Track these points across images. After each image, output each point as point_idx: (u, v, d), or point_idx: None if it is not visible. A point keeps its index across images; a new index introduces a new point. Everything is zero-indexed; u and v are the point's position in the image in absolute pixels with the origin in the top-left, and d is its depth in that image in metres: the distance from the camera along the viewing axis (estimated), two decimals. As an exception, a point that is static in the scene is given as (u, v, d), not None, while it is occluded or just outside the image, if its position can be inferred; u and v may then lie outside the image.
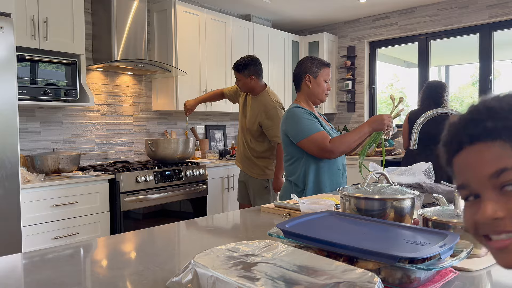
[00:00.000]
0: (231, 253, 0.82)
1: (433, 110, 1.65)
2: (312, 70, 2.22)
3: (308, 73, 2.22)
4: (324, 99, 2.26)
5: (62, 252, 1.11)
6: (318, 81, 2.22)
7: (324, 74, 2.22)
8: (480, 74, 4.42)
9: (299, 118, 2.09)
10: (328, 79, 2.24)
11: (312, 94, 2.23)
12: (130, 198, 3.05)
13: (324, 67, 2.23)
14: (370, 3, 4.65)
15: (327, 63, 2.27)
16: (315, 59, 2.26)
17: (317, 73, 2.22)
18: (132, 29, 3.54)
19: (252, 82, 2.98)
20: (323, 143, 2.03)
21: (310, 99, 2.24)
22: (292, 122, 2.11)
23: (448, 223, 1.01)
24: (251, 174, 3.09)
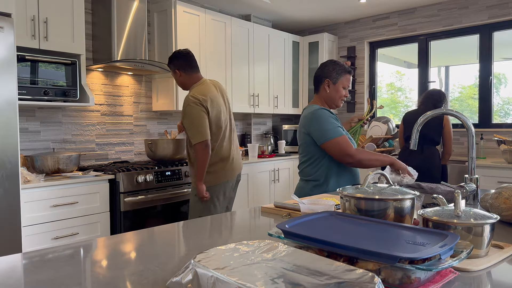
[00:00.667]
0: (231, 253, 0.82)
1: (433, 111, 1.65)
2: (333, 75, 2.24)
3: (328, 78, 2.25)
4: (339, 105, 2.30)
5: (62, 252, 1.11)
6: (337, 87, 2.24)
7: (344, 81, 2.24)
8: (480, 75, 4.42)
9: (326, 120, 2.13)
10: (347, 85, 2.26)
11: (328, 99, 2.28)
12: (130, 198, 3.04)
13: (345, 74, 2.24)
14: (370, 4, 4.65)
15: (349, 69, 2.28)
16: (338, 64, 2.27)
17: (337, 79, 2.24)
18: (132, 29, 3.54)
19: (181, 77, 2.82)
20: (346, 147, 2.10)
21: (327, 103, 2.29)
22: (318, 124, 2.14)
23: (448, 223, 1.01)
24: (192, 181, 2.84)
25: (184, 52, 2.83)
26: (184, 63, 2.80)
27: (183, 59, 2.80)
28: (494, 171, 3.70)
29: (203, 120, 2.66)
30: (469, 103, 4.72)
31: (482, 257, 1.00)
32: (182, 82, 2.85)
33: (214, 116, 2.74)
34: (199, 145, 2.65)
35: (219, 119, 2.78)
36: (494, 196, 1.40)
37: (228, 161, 2.83)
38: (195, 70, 2.84)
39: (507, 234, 1.25)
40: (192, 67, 2.82)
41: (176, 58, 2.81)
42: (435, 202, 1.34)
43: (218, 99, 2.81)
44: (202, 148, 2.65)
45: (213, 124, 2.74)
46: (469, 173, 1.63)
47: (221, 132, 2.79)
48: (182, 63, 2.80)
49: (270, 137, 5.21)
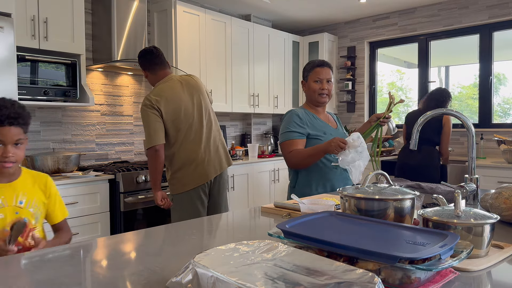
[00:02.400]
0: (231, 253, 0.82)
1: (434, 111, 1.65)
2: (304, 74, 2.29)
3: (303, 79, 2.31)
4: (319, 100, 2.23)
5: (62, 252, 1.11)
6: (309, 84, 2.25)
7: (313, 75, 2.22)
8: (480, 75, 4.42)
9: (286, 123, 2.19)
10: (317, 78, 2.20)
11: (308, 97, 2.30)
12: (130, 198, 3.04)
13: (313, 68, 2.23)
14: (370, 3, 4.65)
15: (319, 63, 2.24)
16: (309, 63, 2.29)
17: (307, 76, 2.26)
18: (132, 29, 3.54)
19: (149, 77, 2.62)
20: (285, 151, 2.15)
21: (311, 102, 2.30)
22: (282, 126, 2.23)
23: (448, 223, 1.01)
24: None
25: (148, 49, 2.60)
26: (148, 62, 2.58)
27: (146, 58, 2.58)
28: (494, 171, 3.70)
29: (154, 124, 2.43)
30: (469, 103, 4.72)
31: (482, 257, 1.00)
32: (151, 82, 2.64)
33: (169, 117, 2.47)
34: (149, 151, 2.44)
35: (177, 120, 2.50)
36: (494, 196, 1.40)
37: (193, 165, 2.52)
38: (161, 67, 2.59)
39: (507, 234, 1.25)
40: (155, 64, 2.57)
41: (140, 58, 2.61)
42: (435, 202, 1.34)
43: (179, 98, 2.52)
44: (151, 154, 2.44)
45: (169, 127, 2.49)
46: (469, 173, 1.63)
47: (182, 134, 2.51)
48: (145, 62, 2.59)
49: (270, 137, 5.21)
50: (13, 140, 1.43)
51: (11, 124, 1.41)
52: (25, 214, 1.49)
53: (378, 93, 5.36)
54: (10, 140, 1.42)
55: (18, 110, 1.44)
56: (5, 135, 1.41)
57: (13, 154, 1.43)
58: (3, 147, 1.42)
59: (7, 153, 1.41)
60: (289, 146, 2.13)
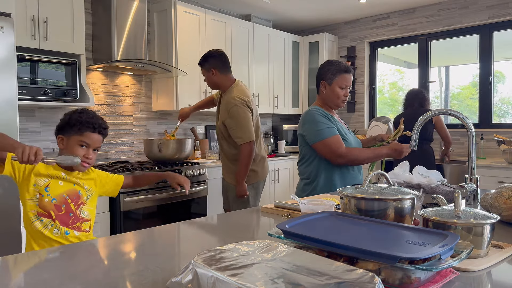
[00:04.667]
0: (231, 253, 0.82)
1: (434, 111, 1.65)
2: (328, 76, 2.21)
3: (324, 79, 2.23)
4: (340, 105, 2.25)
5: (62, 252, 1.11)
6: (333, 88, 2.20)
7: (340, 81, 2.19)
8: (480, 75, 4.42)
9: (316, 121, 2.13)
10: (344, 85, 2.20)
11: (327, 100, 2.25)
12: (130, 198, 3.04)
13: (340, 74, 2.19)
14: (370, 3, 4.65)
15: (345, 68, 2.21)
16: (333, 64, 2.22)
17: (332, 80, 2.20)
18: (132, 29, 3.54)
19: (215, 77, 2.80)
20: (336, 148, 2.08)
21: (327, 104, 2.26)
22: (309, 124, 2.15)
23: (448, 223, 1.01)
24: (227, 179, 2.90)
25: (220, 52, 2.84)
26: (220, 63, 2.80)
27: (219, 59, 2.81)
28: (494, 171, 3.71)
29: (249, 121, 2.71)
30: (468, 103, 4.72)
31: (482, 257, 1.00)
32: (214, 82, 2.83)
33: (254, 117, 2.83)
34: (246, 145, 2.69)
35: (257, 120, 2.89)
36: (494, 196, 1.40)
37: (264, 160, 2.93)
38: (229, 71, 2.85)
39: (507, 234, 1.25)
40: (227, 67, 2.83)
41: (213, 57, 2.80)
42: (435, 202, 1.34)
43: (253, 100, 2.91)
44: (248, 148, 2.69)
45: (254, 125, 2.80)
46: (469, 173, 1.63)
47: (259, 132, 2.90)
48: (218, 62, 2.80)
49: (270, 137, 5.21)
50: (95, 146, 1.67)
51: (99, 133, 1.68)
52: (81, 188, 1.69)
53: (378, 93, 5.36)
54: (94, 145, 1.66)
55: (105, 123, 1.72)
56: (93, 140, 1.65)
57: (92, 157, 1.66)
58: (86, 149, 1.65)
59: (89, 154, 1.64)
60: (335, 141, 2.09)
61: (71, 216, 1.64)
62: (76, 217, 1.66)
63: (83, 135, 1.63)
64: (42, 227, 1.59)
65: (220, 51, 2.86)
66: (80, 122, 1.63)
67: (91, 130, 1.64)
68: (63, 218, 1.62)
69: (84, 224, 1.69)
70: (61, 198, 1.62)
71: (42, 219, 1.60)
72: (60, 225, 1.61)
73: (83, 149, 1.63)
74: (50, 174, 1.62)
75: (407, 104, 4.01)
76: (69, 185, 1.65)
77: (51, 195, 1.60)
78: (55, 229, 1.60)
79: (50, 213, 1.60)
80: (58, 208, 1.61)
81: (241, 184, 2.76)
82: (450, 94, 4.84)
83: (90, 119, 1.65)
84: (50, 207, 1.60)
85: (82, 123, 1.63)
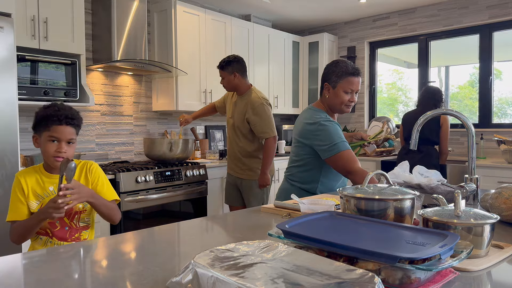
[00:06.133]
0: (231, 253, 0.82)
1: (434, 111, 1.65)
2: (332, 79, 2.00)
3: (328, 82, 2.02)
4: (343, 111, 2.04)
5: (62, 252, 1.11)
6: (337, 92, 2.00)
7: (345, 85, 1.98)
8: (480, 75, 4.42)
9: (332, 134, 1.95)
10: (350, 89, 1.99)
11: (330, 105, 2.06)
12: (130, 198, 3.04)
13: (346, 76, 1.97)
14: (370, 4, 4.65)
15: (353, 70, 1.99)
16: (338, 65, 2.00)
17: (336, 83, 1.99)
18: (132, 29, 3.54)
19: (235, 80, 3.06)
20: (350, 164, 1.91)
21: (330, 108, 2.08)
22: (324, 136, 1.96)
23: (448, 223, 1.01)
24: (241, 175, 3.12)
25: (241, 58, 3.12)
26: (242, 68, 3.08)
27: (242, 64, 3.09)
28: (494, 171, 3.71)
29: (273, 118, 3.06)
30: (468, 103, 4.72)
31: (482, 257, 1.00)
32: (235, 85, 3.08)
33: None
34: (272, 139, 3.00)
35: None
36: (494, 196, 1.40)
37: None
38: (247, 76, 3.14)
39: (507, 234, 1.25)
40: (246, 72, 3.13)
41: (237, 62, 3.07)
42: (435, 202, 1.34)
43: None
44: (273, 142, 3.01)
45: None
46: (469, 173, 1.63)
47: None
48: (241, 67, 3.08)
49: (270, 137, 5.21)
50: (67, 138, 1.60)
51: (67, 124, 1.60)
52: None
53: (378, 93, 5.36)
54: (64, 138, 1.59)
55: (74, 112, 1.63)
56: (61, 132, 1.58)
57: (66, 151, 1.59)
58: (57, 143, 1.59)
59: (61, 148, 1.58)
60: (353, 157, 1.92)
61: (67, 230, 1.63)
62: (73, 230, 1.64)
63: (50, 129, 1.57)
64: (42, 245, 1.60)
65: (240, 57, 3.13)
66: (45, 117, 1.59)
67: (57, 123, 1.58)
68: (60, 233, 1.61)
69: (83, 233, 1.68)
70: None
71: (41, 237, 1.61)
72: (58, 241, 1.61)
73: (53, 144, 1.58)
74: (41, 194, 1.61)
75: (421, 102, 3.75)
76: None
77: None
78: (54, 245, 1.60)
79: (47, 231, 1.60)
80: (52, 225, 1.61)
81: (266, 174, 3.04)
82: (450, 94, 4.84)
83: (55, 112, 1.59)
84: (45, 225, 1.59)
85: (47, 117, 1.59)
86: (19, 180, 1.60)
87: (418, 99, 3.87)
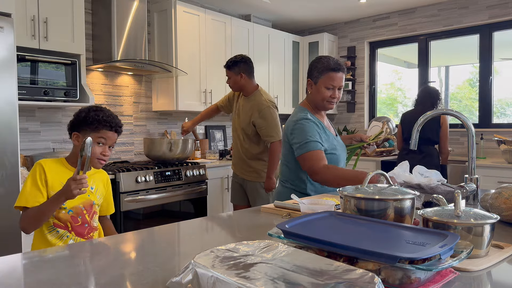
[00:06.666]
0: (231, 253, 0.82)
1: (434, 111, 1.65)
2: (314, 74, 1.99)
3: (310, 78, 2.01)
4: (326, 107, 2.02)
5: (62, 252, 1.11)
6: (318, 88, 1.98)
7: (326, 80, 1.95)
8: (480, 75, 4.42)
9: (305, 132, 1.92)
10: (331, 85, 1.96)
11: (313, 101, 2.04)
12: (130, 198, 3.04)
13: (327, 72, 1.95)
14: (370, 4, 4.65)
15: (334, 66, 1.96)
16: (321, 61, 1.98)
17: (318, 79, 1.97)
18: (132, 29, 3.54)
19: (242, 80, 3.00)
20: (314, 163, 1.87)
21: (314, 105, 2.05)
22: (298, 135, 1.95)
23: (448, 223, 1.01)
24: (246, 177, 3.08)
25: (248, 57, 3.06)
26: (249, 68, 3.02)
27: (249, 65, 3.02)
28: (494, 171, 3.70)
29: (279, 121, 3.02)
30: (467, 103, 4.72)
31: (482, 257, 1.00)
32: (242, 85, 3.02)
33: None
34: (277, 143, 2.93)
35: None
36: (494, 196, 1.40)
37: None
38: (253, 77, 3.07)
39: (507, 234, 1.25)
40: (253, 73, 3.06)
41: (244, 62, 3.00)
42: (435, 202, 1.34)
43: None
44: (278, 146, 2.93)
45: None
46: (469, 173, 1.63)
47: None
48: (248, 68, 3.01)
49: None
50: (111, 143, 1.69)
51: (116, 131, 1.69)
52: (94, 198, 1.72)
53: (378, 93, 5.36)
54: (110, 143, 1.68)
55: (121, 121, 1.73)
56: (110, 138, 1.67)
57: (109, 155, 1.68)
58: (103, 146, 1.66)
59: (106, 152, 1.66)
60: (318, 157, 1.86)
61: (86, 227, 1.66)
62: (90, 228, 1.68)
63: (100, 132, 1.64)
64: (56, 239, 1.60)
65: (248, 57, 3.06)
66: (98, 121, 1.63)
67: (108, 128, 1.65)
68: (79, 229, 1.64)
69: (95, 234, 1.71)
70: (77, 210, 1.64)
71: (58, 230, 1.61)
72: (75, 236, 1.63)
73: (100, 147, 1.65)
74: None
75: (419, 102, 3.78)
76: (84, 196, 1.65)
77: (68, 207, 1.61)
78: (70, 240, 1.61)
79: (67, 225, 1.61)
80: (74, 220, 1.63)
81: (271, 178, 2.98)
82: (450, 94, 4.84)
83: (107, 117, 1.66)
84: (66, 218, 1.61)
85: (99, 121, 1.64)
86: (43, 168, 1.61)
87: (415, 99, 3.89)
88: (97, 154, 1.64)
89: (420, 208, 1.45)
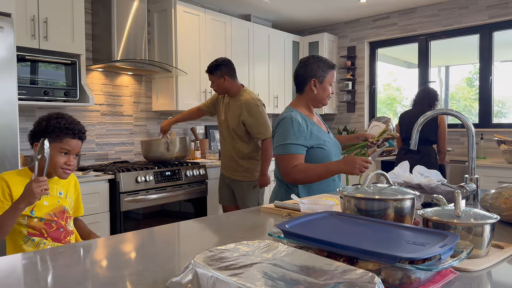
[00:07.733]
0: (231, 253, 0.82)
1: (434, 111, 1.65)
2: (319, 73, 2.06)
3: (314, 77, 2.06)
4: (326, 103, 2.15)
5: (62, 252, 1.11)
6: (324, 86, 2.08)
7: (330, 78, 2.09)
8: (480, 75, 4.42)
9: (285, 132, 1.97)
10: (333, 82, 2.11)
11: (316, 99, 2.10)
12: (130, 198, 3.04)
13: (330, 70, 2.09)
14: (370, 3, 4.65)
15: (333, 64, 2.12)
16: (321, 60, 2.09)
17: (324, 77, 2.07)
18: (132, 29, 3.54)
19: (225, 83, 3.03)
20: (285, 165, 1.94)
21: (313, 104, 2.12)
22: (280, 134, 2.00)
23: (448, 223, 1.01)
24: (235, 177, 3.10)
25: (229, 60, 3.10)
26: (231, 71, 3.05)
27: (230, 67, 3.06)
28: (494, 171, 3.71)
29: (268, 119, 3.05)
30: (466, 103, 4.72)
31: (482, 257, 1.00)
32: (225, 88, 3.05)
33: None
34: (268, 140, 2.97)
35: None
36: (494, 196, 1.40)
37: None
38: (236, 77, 3.12)
39: (507, 234, 1.25)
40: (235, 74, 3.10)
41: (225, 65, 3.04)
42: (435, 202, 1.34)
43: None
44: (270, 143, 2.94)
45: None
46: (469, 173, 1.63)
47: None
48: (230, 70, 3.04)
49: (270, 137, 5.21)
50: (76, 152, 1.63)
51: (79, 138, 1.63)
52: (64, 203, 1.69)
53: (378, 93, 5.36)
54: (74, 151, 1.62)
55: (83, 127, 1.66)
56: (73, 146, 1.61)
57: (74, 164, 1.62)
58: (67, 156, 1.60)
59: (70, 161, 1.60)
60: (289, 160, 1.94)
61: (62, 231, 1.64)
62: (66, 232, 1.66)
63: (62, 142, 1.57)
64: (33, 247, 1.57)
65: (228, 59, 3.09)
66: (59, 129, 1.57)
67: (71, 136, 1.58)
68: (55, 234, 1.61)
69: (72, 238, 1.69)
70: (48, 217, 1.61)
71: (34, 238, 1.58)
72: (52, 242, 1.60)
73: (64, 157, 1.58)
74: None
75: (417, 102, 3.81)
76: (53, 203, 1.63)
77: (38, 215, 1.58)
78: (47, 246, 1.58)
79: (42, 232, 1.59)
80: (49, 226, 1.60)
81: (265, 175, 3.03)
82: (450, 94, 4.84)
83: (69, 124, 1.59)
84: (40, 226, 1.58)
85: (61, 129, 1.57)
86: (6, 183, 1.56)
87: (413, 99, 3.91)
88: (61, 164, 1.57)
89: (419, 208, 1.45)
